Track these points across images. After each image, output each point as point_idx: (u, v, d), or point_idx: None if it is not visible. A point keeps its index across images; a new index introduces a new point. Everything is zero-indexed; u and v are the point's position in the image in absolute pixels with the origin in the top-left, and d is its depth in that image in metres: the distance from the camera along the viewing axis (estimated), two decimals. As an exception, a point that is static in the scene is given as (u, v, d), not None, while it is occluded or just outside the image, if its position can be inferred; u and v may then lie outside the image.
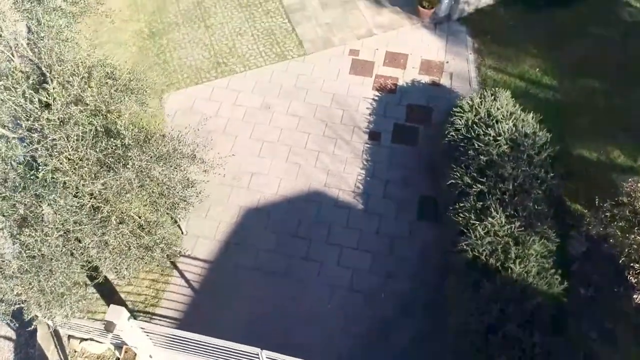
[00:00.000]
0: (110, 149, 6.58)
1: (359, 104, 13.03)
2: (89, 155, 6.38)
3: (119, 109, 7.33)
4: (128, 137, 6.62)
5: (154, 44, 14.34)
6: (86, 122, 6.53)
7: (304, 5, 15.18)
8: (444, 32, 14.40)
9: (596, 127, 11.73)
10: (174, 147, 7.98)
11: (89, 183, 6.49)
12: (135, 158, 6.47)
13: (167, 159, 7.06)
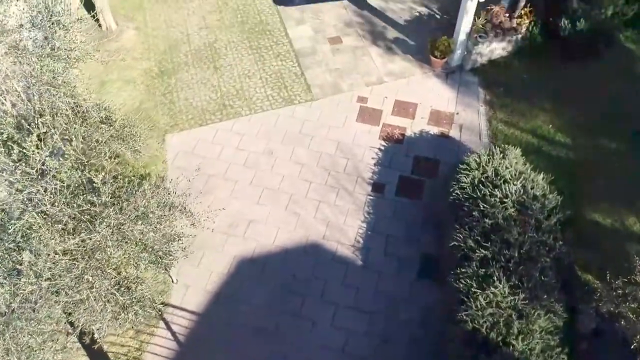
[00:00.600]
0: (87, 205, 6.29)
1: (364, 153, 12.68)
2: (64, 211, 6.09)
3: (101, 162, 7.07)
4: (106, 193, 6.32)
5: (162, 83, 14.29)
6: (64, 176, 6.26)
7: (315, 49, 15.07)
8: (456, 83, 14.10)
9: (611, 191, 11.15)
10: (159, 200, 7.64)
11: (64, 240, 6.18)
12: (112, 217, 6.16)
13: (148, 216, 6.73)
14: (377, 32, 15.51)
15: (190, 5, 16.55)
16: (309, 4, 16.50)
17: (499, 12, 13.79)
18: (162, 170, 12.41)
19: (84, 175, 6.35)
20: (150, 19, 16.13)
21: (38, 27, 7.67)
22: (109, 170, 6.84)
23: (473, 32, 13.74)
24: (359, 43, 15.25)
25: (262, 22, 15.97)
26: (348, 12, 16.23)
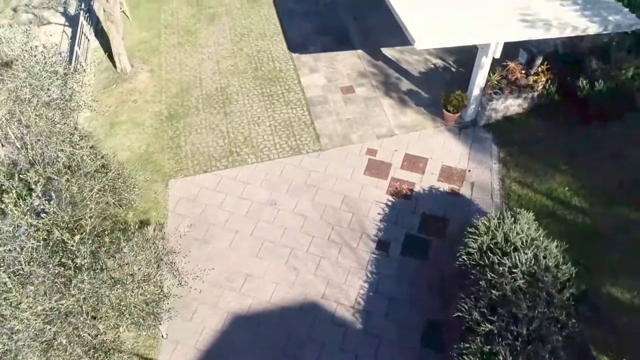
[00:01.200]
0: (61, 268, 5.99)
1: (370, 208, 12.26)
2: (37, 272, 5.79)
3: (88, 216, 6.79)
4: (82, 256, 6.01)
5: (171, 127, 14.21)
6: (40, 237, 5.98)
7: (327, 98, 14.92)
8: (469, 138, 13.72)
9: (630, 263, 10.46)
10: (147, 257, 7.30)
11: (35, 303, 5.84)
12: (86, 282, 5.83)
13: (125, 283, 6.37)
14: (390, 83, 15.33)
15: (206, 50, 16.68)
16: (323, 52, 16.50)
17: (515, 68, 13.50)
18: (162, 216, 12.15)
19: (62, 234, 6.06)
20: (165, 62, 16.26)
21: (33, 77, 7.57)
22: (90, 228, 6.54)
23: (488, 88, 13.43)
24: (372, 93, 15.06)
25: (275, 69, 15.95)
26: (362, 62, 16.14)
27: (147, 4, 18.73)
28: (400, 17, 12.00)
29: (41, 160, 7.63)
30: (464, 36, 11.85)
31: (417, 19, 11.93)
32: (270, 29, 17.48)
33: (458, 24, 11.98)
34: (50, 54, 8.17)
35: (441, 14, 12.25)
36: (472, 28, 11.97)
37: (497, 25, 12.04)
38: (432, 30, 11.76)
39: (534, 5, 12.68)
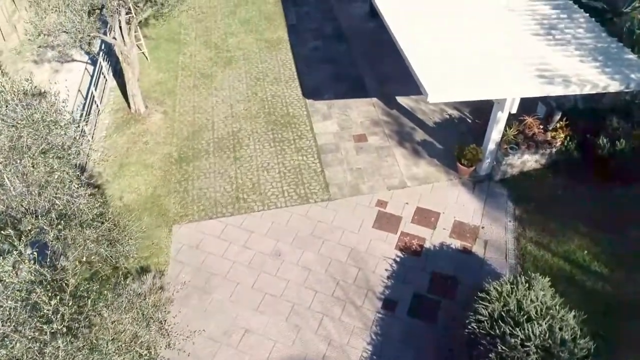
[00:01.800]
0: (36, 333, 5.66)
1: (377, 263, 11.77)
2: (12, 337, 5.46)
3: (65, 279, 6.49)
4: (57, 322, 5.67)
5: (179, 170, 14.08)
6: (18, 297, 5.69)
7: (338, 146, 14.68)
8: (483, 193, 13.25)
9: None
10: (135, 316, 6.93)
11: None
12: (61, 349, 5.47)
13: (102, 350, 5.98)
14: (404, 133, 15.06)
15: (221, 93, 16.71)
16: (338, 99, 16.38)
17: (533, 124, 13.12)
18: (164, 263, 11.84)
19: (41, 296, 5.76)
20: (180, 104, 16.31)
21: (32, 125, 7.46)
22: (74, 287, 6.24)
23: (504, 143, 13.04)
24: (385, 143, 14.78)
25: (288, 114, 15.85)
26: (376, 110, 15.95)
27: (167, 45, 19.02)
28: (414, 69, 11.81)
29: (34, 210, 7.43)
30: (479, 91, 11.57)
31: (432, 71, 11.72)
32: (286, 73, 17.50)
33: (473, 78, 11.73)
34: (54, 101, 8.07)
35: (456, 66, 12.03)
36: (487, 82, 11.70)
37: (514, 80, 11.74)
38: (446, 83, 11.51)
39: (552, 60, 12.40)
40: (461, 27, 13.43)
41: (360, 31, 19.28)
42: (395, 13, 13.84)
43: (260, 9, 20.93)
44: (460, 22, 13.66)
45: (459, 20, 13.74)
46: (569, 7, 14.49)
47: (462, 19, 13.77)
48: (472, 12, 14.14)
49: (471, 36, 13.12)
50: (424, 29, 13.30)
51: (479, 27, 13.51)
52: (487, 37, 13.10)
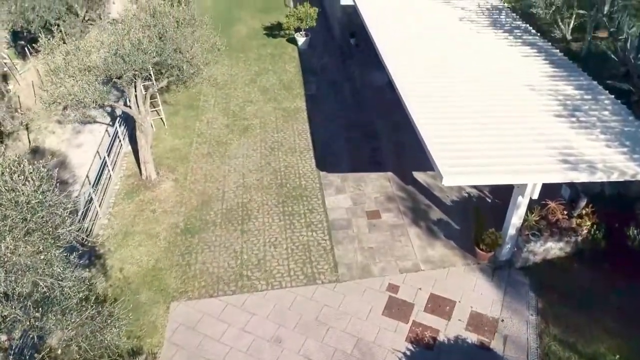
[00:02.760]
0: None
1: (385, 357, 10.83)
2: None
3: None
4: None
5: (184, 242, 13.62)
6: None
7: (350, 223, 14.09)
8: (503, 281, 12.35)
9: None
10: None
11: None
12: None
13: None
14: (419, 210, 14.42)
15: (234, 162, 16.49)
16: (352, 172, 15.96)
17: (556, 209, 12.35)
18: (157, 345, 11.13)
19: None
20: (192, 172, 16.11)
21: (16, 208, 7.13)
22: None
23: (525, 229, 12.26)
24: (399, 220, 14.13)
25: (300, 186, 15.44)
26: (392, 185, 15.42)
27: (185, 111, 19.14)
28: (429, 148, 11.32)
29: (12, 296, 6.96)
30: (498, 175, 10.95)
31: (447, 151, 11.23)
32: (301, 144, 17.27)
33: (492, 160, 11.14)
34: (42, 179, 7.78)
35: (474, 146, 11.50)
36: (507, 165, 11.09)
37: (535, 165, 11.12)
38: (462, 165, 10.96)
39: (576, 143, 11.79)
40: (480, 104, 13.04)
41: (380, 102, 19.12)
42: (411, 85, 13.61)
43: (281, 78, 21.11)
44: (479, 99, 13.30)
45: (478, 97, 13.39)
46: (592, 87, 14.03)
47: (481, 96, 13.42)
48: (491, 89, 13.80)
49: (490, 114, 12.69)
50: (440, 104, 12.97)
51: (499, 104, 13.11)
52: (507, 116, 12.64)
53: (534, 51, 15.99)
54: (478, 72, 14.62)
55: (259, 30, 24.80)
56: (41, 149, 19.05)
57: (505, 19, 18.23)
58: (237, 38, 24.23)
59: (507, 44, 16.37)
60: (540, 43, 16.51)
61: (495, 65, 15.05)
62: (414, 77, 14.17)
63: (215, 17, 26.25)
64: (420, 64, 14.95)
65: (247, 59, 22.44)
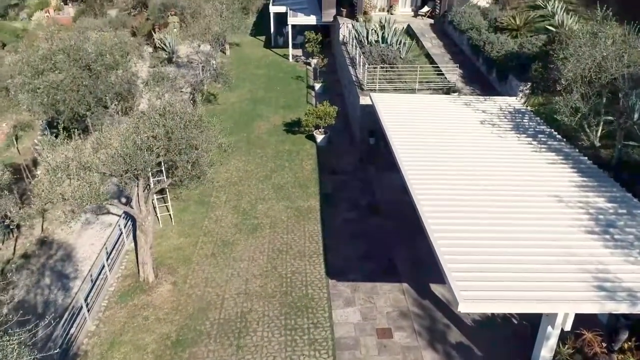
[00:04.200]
0: None
1: None
2: None
3: None
4: None
5: (173, 357, 12.33)
6: None
7: (358, 342, 12.64)
8: None
9: None
10: None
11: None
12: None
13: None
14: (436, 331, 12.90)
15: (239, 265, 15.51)
16: (364, 281, 14.71)
17: (593, 341, 10.72)
18: None
19: None
20: (193, 274, 15.13)
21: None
22: None
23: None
24: (413, 342, 12.62)
25: (306, 295, 14.21)
26: (406, 298, 14.04)
27: (195, 207, 18.57)
28: (444, 269, 10.13)
29: None
30: (523, 303, 9.58)
31: (465, 270, 10.02)
32: (311, 247, 16.25)
33: (515, 283, 9.85)
34: None
35: (495, 266, 10.27)
36: (533, 291, 9.72)
37: (566, 291, 9.71)
38: (482, 288, 9.68)
39: (612, 265, 10.42)
40: (503, 217, 11.97)
41: (397, 206, 18.15)
42: (427, 192, 12.73)
43: (297, 175, 20.61)
44: (502, 210, 12.25)
45: (501, 208, 12.35)
46: (627, 200, 12.85)
47: (504, 208, 12.37)
48: (515, 199, 12.76)
49: (514, 228, 11.57)
50: (458, 215, 11.96)
51: (524, 217, 12.00)
52: (533, 231, 11.48)
53: (560, 158, 15.10)
54: (500, 180, 13.70)
55: (279, 127, 24.82)
56: (49, 240, 18.56)
57: (528, 122, 17.58)
58: (257, 134, 24.23)
59: (531, 150, 15.55)
60: (567, 149, 15.65)
61: (519, 172, 14.14)
62: (430, 183, 13.34)
63: (239, 113, 26.73)
64: (438, 170, 14.17)
65: (264, 155, 22.18)
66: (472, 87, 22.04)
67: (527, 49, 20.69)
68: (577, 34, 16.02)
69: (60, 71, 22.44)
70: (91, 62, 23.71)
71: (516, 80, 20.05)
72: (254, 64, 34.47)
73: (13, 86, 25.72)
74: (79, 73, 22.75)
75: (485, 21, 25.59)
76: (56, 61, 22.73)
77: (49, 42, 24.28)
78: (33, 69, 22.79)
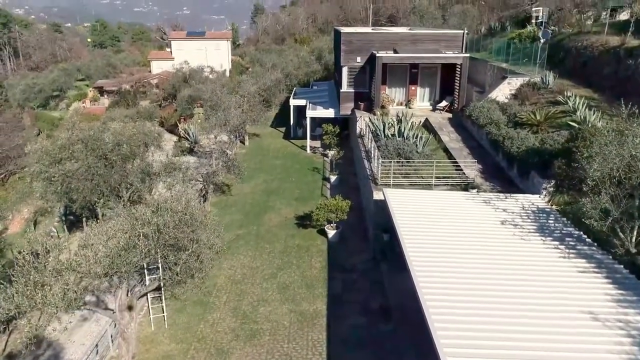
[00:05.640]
0: None
1: None
2: None
3: None
4: None
5: None
6: None
7: None
8: None
9: None
10: None
11: None
12: None
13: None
14: None
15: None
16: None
17: None
18: None
19: None
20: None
21: None
22: None
23: None
24: None
25: (303, 421, 12.38)
26: None
27: (192, 308, 17.26)
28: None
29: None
30: None
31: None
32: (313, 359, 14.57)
33: None
34: None
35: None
36: None
37: None
38: None
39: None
40: (528, 340, 10.32)
41: (410, 309, 16.40)
42: (439, 303, 11.29)
43: (304, 274, 19.27)
44: (527, 330, 10.62)
45: (525, 326, 10.75)
46: (675, 320, 11.07)
47: (529, 326, 10.77)
48: (543, 316, 11.14)
49: (542, 355, 9.88)
50: (473, 334, 10.39)
51: (554, 340, 10.33)
52: (564, 352, 9.79)
53: (592, 266, 13.51)
54: (526, 292, 12.16)
55: (290, 220, 23.89)
56: (40, 338, 17.30)
57: (554, 223, 16.16)
58: (266, 227, 23.29)
59: (558, 256, 14.04)
60: (599, 255, 14.07)
61: (545, 282, 12.58)
62: (444, 292, 11.91)
63: (251, 204, 26.05)
64: (454, 278, 12.74)
65: (272, 251, 21.05)
66: (492, 183, 20.94)
67: (549, 145, 19.72)
68: (601, 131, 15.02)
69: (76, 160, 22.46)
70: (108, 151, 23.77)
71: (538, 177, 18.91)
72: (271, 155, 34.42)
73: (30, 174, 25.82)
74: (95, 162, 22.71)
75: (504, 116, 25.01)
76: (74, 150, 22.83)
77: (69, 132, 24.59)
78: (51, 158, 22.88)
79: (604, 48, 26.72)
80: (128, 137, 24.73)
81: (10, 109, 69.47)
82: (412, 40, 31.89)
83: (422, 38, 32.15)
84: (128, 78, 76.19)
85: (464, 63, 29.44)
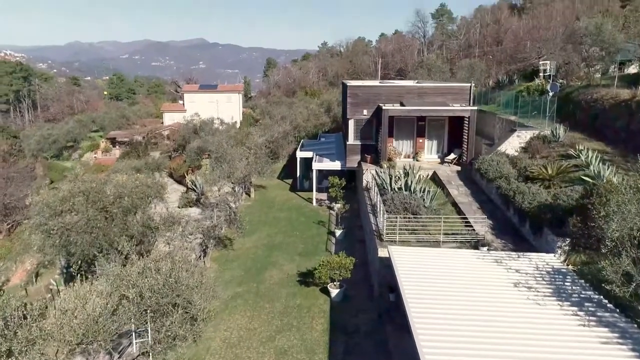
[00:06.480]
0: None
1: None
2: None
3: None
4: None
5: None
6: None
7: None
8: None
9: None
10: None
11: None
12: None
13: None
14: None
15: None
16: None
17: None
18: None
19: None
20: None
21: None
22: None
23: None
24: None
25: None
26: None
27: (183, 375, 16.07)
28: None
29: None
30: None
31: None
32: None
33: None
34: None
35: None
36: None
37: None
38: None
39: None
40: None
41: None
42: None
43: (304, 337, 18.08)
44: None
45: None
46: None
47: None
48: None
49: None
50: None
51: None
52: None
53: (615, 335, 12.31)
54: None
55: (292, 277, 22.86)
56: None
57: (571, 286, 15.01)
58: (267, 284, 22.26)
59: (577, 322, 12.87)
60: (622, 324, 12.87)
61: (564, 355, 11.40)
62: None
63: (252, 260, 25.12)
64: (461, 346, 11.65)
65: (271, 311, 19.95)
66: (503, 240, 19.92)
67: (562, 200, 18.81)
68: (619, 188, 14.17)
69: (77, 212, 21.98)
70: (109, 204, 23.30)
71: (552, 235, 17.89)
72: (277, 207, 33.75)
73: (29, 227, 25.37)
74: (95, 215, 22.20)
75: (514, 170, 24.24)
76: (74, 203, 22.40)
77: (71, 184, 24.24)
78: (52, 210, 22.43)
79: (615, 101, 26.22)
80: (130, 189, 24.31)
81: (23, 159, 70.43)
82: (418, 93, 31.73)
83: (428, 91, 32.01)
84: (140, 129, 77.28)
85: (472, 115, 29.05)
